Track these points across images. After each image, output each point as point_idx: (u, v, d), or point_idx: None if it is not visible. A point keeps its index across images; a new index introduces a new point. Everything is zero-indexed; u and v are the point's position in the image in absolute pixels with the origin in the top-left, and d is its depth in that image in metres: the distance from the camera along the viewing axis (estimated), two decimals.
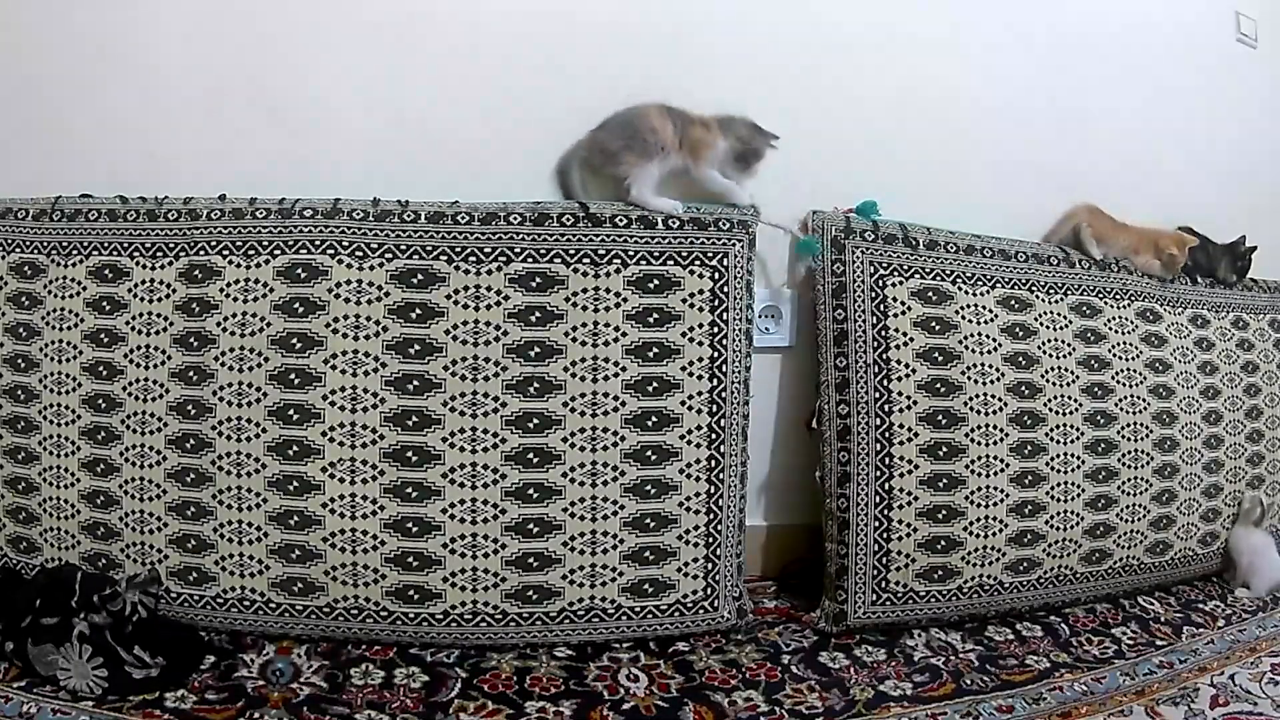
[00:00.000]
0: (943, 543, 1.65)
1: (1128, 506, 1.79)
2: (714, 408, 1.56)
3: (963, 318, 1.69)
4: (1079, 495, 1.74)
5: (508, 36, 1.63)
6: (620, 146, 1.56)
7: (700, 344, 1.55)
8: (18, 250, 1.50)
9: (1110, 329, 1.82)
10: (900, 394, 1.64)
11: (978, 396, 1.67)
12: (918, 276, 1.69)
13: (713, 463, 1.56)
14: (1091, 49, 1.94)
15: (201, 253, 1.48)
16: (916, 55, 1.81)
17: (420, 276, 1.48)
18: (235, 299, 1.47)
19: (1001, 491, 1.68)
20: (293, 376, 1.46)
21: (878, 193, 1.74)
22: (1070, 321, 1.79)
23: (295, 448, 1.45)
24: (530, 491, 1.49)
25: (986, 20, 1.86)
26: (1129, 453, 1.79)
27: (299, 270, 1.47)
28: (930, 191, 1.80)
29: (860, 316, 1.64)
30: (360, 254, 1.48)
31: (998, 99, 1.87)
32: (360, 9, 1.60)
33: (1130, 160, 1.97)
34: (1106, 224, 1.88)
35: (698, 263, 1.56)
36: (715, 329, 1.56)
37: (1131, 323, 1.85)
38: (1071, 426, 1.74)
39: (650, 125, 1.56)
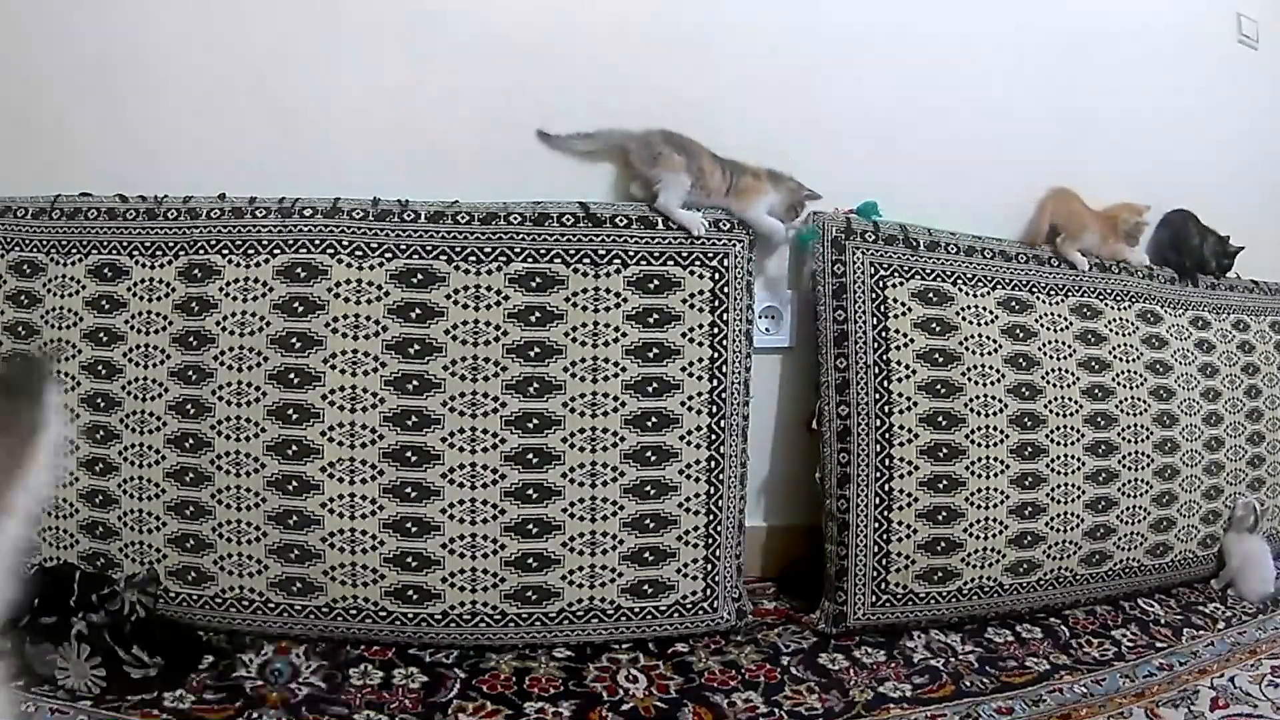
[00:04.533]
0: (943, 544, 1.64)
1: (1128, 509, 1.79)
2: (714, 408, 1.56)
3: (963, 319, 1.69)
4: (1079, 497, 1.74)
5: (510, 37, 1.63)
6: (667, 152, 1.58)
7: (700, 344, 1.55)
8: (17, 249, 1.49)
9: (1111, 331, 1.82)
10: (900, 395, 1.63)
11: (978, 398, 1.67)
12: (918, 278, 1.69)
13: (712, 463, 1.56)
14: (1094, 50, 1.94)
15: (201, 252, 1.48)
16: (919, 56, 1.81)
17: (420, 276, 1.48)
18: (235, 298, 1.46)
19: (1001, 493, 1.68)
20: (292, 376, 1.45)
21: (879, 193, 1.74)
22: (1071, 323, 1.79)
23: (294, 447, 1.45)
24: (530, 492, 1.49)
25: (988, 22, 1.86)
26: (1129, 455, 1.79)
27: (299, 270, 1.47)
28: (931, 192, 1.80)
29: (860, 317, 1.64)
30: (360, 254, 1.48)
31: (1000, 100, 1.87)
32: (362, 9, 1.60)
33: (1132, 161, 1.97)
34: (1078, 208, 1.85)
35: (698, 263, 1.56)
36: (715, 329, 1.56)
37: (1132, 324, 1.85)
38: (1072, 428, 1.74)
39: (700, 165, 1.59)
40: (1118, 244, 1.87)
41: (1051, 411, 1.72)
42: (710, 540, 1.57)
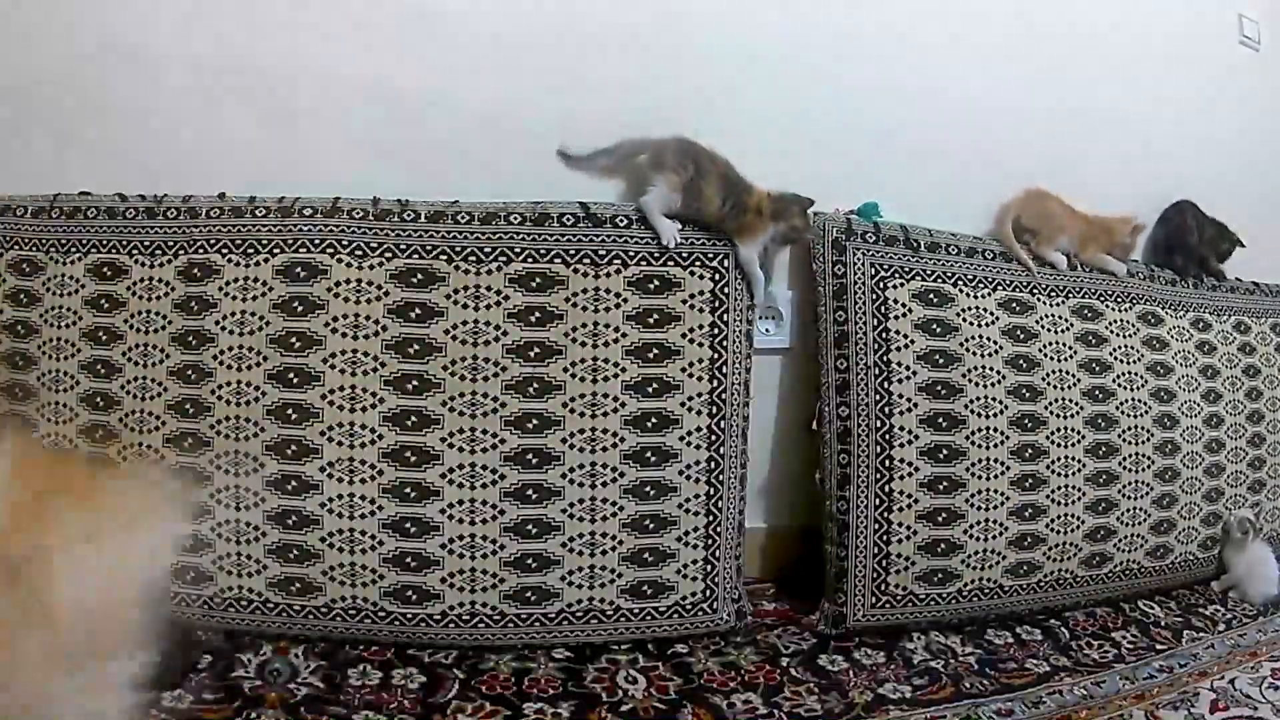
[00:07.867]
0: (943, 546, 1.64)
1: (1128, 510, 1.78)
2: (714, 409, 1.55)
3: (964, 320, 1.69)
4: (1079, 499, 1.73)
5: (511, 37, 1.63)
6: (673, 165, 1.56)
7: (700, 345, 1.55)
8: (16, 247, 1.49)
9: (1111, 332, 1.82)
10: (901, 396, 1.63)
11: (978, 399, 1.67)
12: (919, 279, 1.68)
13: (712, 464, 1.56)
14: (1095, 51, 1.94)
15: (200, 251, 1.48)
16: (921, 57, 1.80)
17: (420, 276, 1.48)
18: (234, 297, 1.46)
19: (1002, 495, 1.67)
20: (291, 376, 1.45)
21: (879, 194, 1.74)
22: (1071, 325, 1.78)
23: (294, 447, 1.45)
24: (529, 492, 1.49)
25: (990, 22, 1.86)
26: (1130, 457, 1.79)
27: (298, 269, 1.47)
28: (932, 193, 1.79)
29: (861, 318, 1.63)
30: (360, 253, 1.48)
31: (1001, 101, 1.86)
32: (363, 8, 1.60)
33: (1133, 162, 1.97)
34: (1053, 208, 1.81)
35: (698, 264, 1.55)
36: (716, 330, 1.55)
37: (1133, 326, 1.85)
38: (1072, 430, 1.73)
39: (701, 185, 1.56)
40: (1099, 253, 1.84)
41: (1052, 413, 1.72)
42: (710, 541, 1.56)
